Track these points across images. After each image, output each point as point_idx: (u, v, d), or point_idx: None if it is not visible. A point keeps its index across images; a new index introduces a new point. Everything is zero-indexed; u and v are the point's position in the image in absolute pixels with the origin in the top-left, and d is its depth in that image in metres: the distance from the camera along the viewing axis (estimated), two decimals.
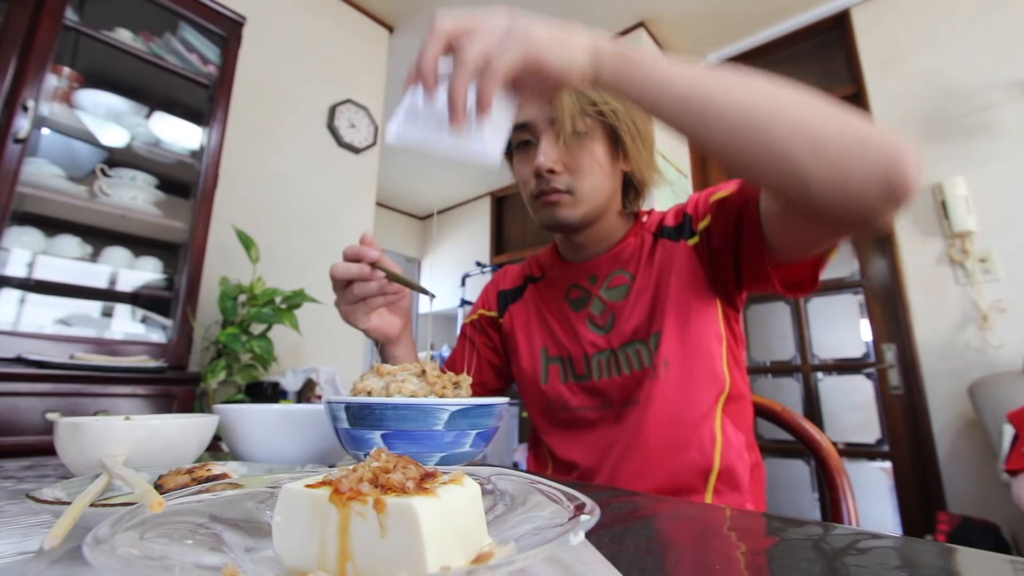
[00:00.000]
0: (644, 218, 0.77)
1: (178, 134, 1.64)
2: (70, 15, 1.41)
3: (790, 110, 0.43)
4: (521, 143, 0.71)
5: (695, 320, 0.68)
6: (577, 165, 0.68)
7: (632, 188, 0.76)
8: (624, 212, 0.77)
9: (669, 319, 0.67)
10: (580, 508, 0.22)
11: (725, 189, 0.67)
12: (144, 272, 1.55)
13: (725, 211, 0.65)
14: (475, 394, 0.81)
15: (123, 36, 1.55)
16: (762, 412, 0.76)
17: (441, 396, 0.44)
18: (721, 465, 0.64)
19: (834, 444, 0.69)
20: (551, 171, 0.68)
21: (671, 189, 2.61)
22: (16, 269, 1.31)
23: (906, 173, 0.42)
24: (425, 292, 0.61)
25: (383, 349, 0.70)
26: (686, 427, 0.65)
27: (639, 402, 0.68)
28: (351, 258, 0.61)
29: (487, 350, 0.87)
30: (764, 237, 0.58)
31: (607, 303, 0.73)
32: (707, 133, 0.45)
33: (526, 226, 4.19)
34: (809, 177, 0.42)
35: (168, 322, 1.53)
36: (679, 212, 0.74)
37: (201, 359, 1.72)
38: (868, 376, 2.27)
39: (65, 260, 1.40)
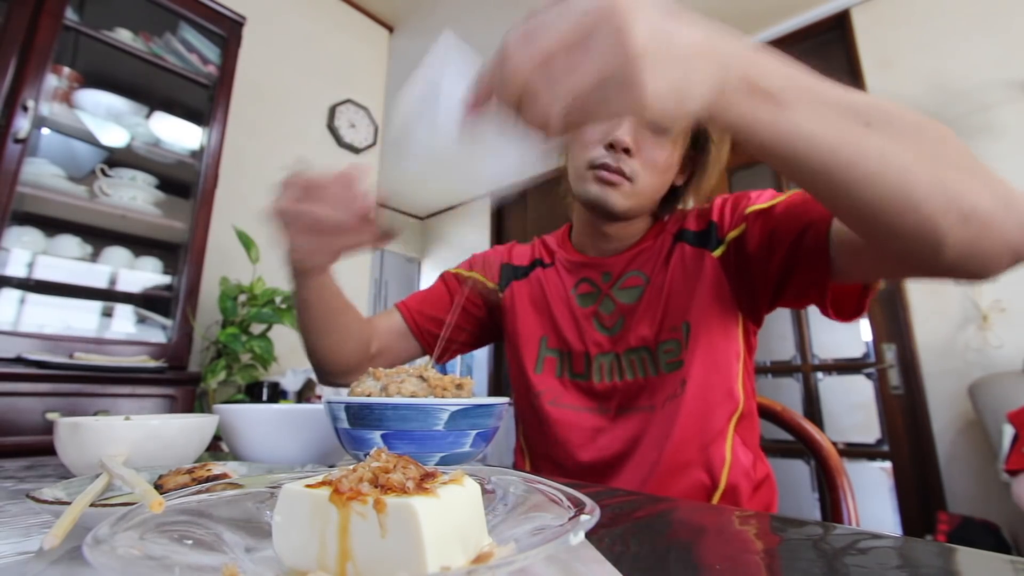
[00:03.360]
0: (665, 217, 0.74)
1: (178, 134, 1.64)
2: (70, 15, 1.41)
3: (947, 177, 0.35)
4: None
5: (718, 341, 0.65)
6: (651, 157, 0.63)
7: (674, 199, 0.73)
8: (652, 214, 0.74)
9: (693, 339, 0.64)
10: (580, 508, 0.22)
11: (763, 200, 0.62)
12: (144, 272, 1.55)
13: (772, 227, 0.59)
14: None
15: (123, 36, 1.55)
16: (762, 412, 0.75)
17: (441, 397, 0.44)
18: (727, 485, 0.63)
19: (834, 444, 0.69)
20: (627, 150, 0.62)
21: None
22: (16, 269, 1.31)
23: None
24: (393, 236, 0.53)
25: (313, 280, 0.62)
26: (697, 448, 0.63)
27: (640, 412, 0.66)
28: (334, 197, 0.50)
29: (464, 313, 0.82)
30: (830, 262, 0.52)
31: (618, 304, 0.70)
32: (842, 199, 0.37)
33: (526, 226, 4.19)
34: (948, 242, 0.37)
35: (168, 322, 1.53)
36: (702, 216, 0.70)
37: (201, 359, 1.72)
38: (868, 376, 2.27)
39: (65, 260, 1.40)
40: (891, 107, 0.36)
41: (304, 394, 1.89)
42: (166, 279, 1.58)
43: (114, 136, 1.51)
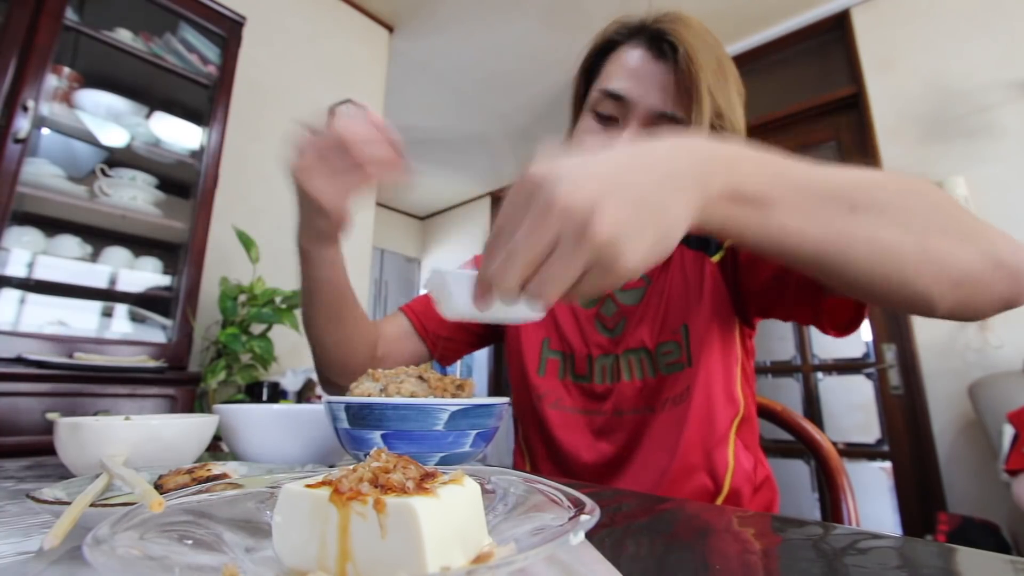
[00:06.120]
0: None
1: (178, 134, 1.64)
2: (70, 15, 1.41)
3: (937, 247, 0.36)
4: (601, 112, 0.63)
5: (719, 345, 0.65)
6: None
7: None
8: None
9: (694, 343, 0.64)
10: (580, 508, 0.22)
11: None
12: (144, 272, 1.55)
13: None
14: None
15: (123, 36, 1.55)
16: (762, 412, 0.75)
17: (441, 397, 0.44)
18: (729, 489, 0.63)
19: (834, 444, 0.69)
20: None
21: None
22: (16, 269, 1.32)
23: None
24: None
25: (325, 250, 0.60)
26: (701, 453, 0.63)
27: (637, 414, 0.66)
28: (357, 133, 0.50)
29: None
30: (822, 285, 0.52)
31: (620, 306, 0.71)
32: (836, 280, 0.39)
33: None
34: (940, 306, 0.39)
35: (168, 322, 1.53)
36: None
37: (201, 359, 1.72)
38: (868, 376, 2.27)
39: (65, 260, 1.40)
40: (876, 182, 0.37)
41: (304, 394, 1.89)
42: (166, 279, 1.58)
43: (114, 136, 1.51)
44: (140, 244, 1.58)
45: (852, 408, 2.28)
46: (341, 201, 0.54)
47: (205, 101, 1.69)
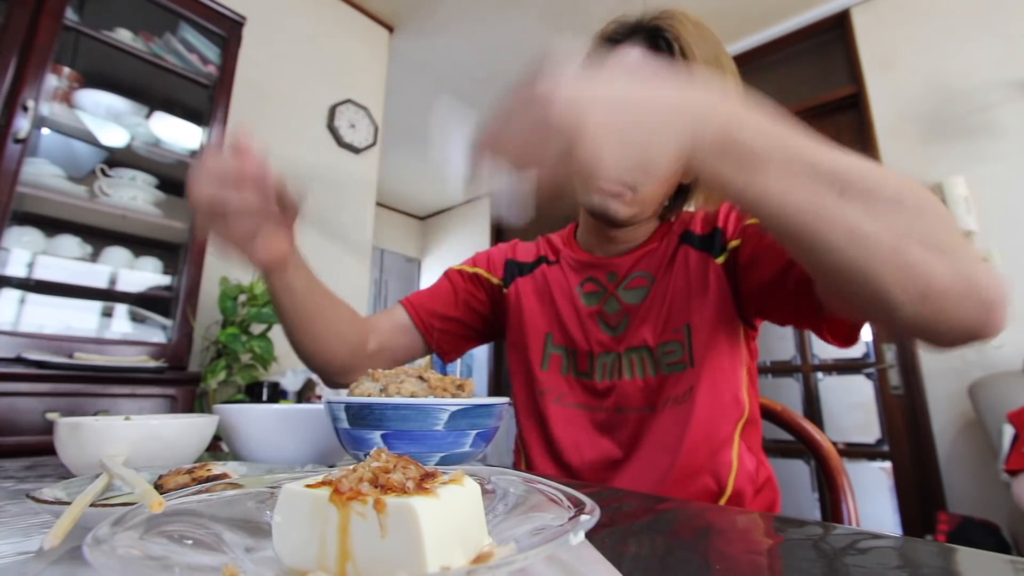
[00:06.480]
0: (672, 218, 0.74)
1: (178, 134, 1.64)
2: (70, 15, 1.41)
3: (913, 253, 0.35)
4: None
5: (724, 347, 0.65)
6: None
7: (680, 198, 0.72)
8: (658, 214, 0.73)
9: (697, 343, 0.64)
10: (580, 508, 0.22)
11: None
12: (144, 272, 1.55)
13: (762, 248, 0.59)
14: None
15: (123, 36, 1.55)
16: (762, 412, 0.75)
17: (441, 397, 0.44)
18: (732, 491, 0.63)
19: (834, 444, 0.69)
20: None
21: None
22: (16, 269, 1.32)
23: (996, 325, 0.38)
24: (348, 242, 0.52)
25: (274, 279, 0.60)
26: (706, 454, 0.63)
27: (638, 413, 0.66)
28: (230, 178, 0.48)
29: (468, 309, 0.82)
30: (817, 298, 0.52)
31: (623, 304, 0.71)
32: (804, 258, 0.39)
33: (526, 226, 4.19)
34: (901, 315, 0.37)
35: (168, 322, 1.53)
36: (708, 221, 0.69)
37: (201, 359, 1.72)
38: (868, 376, 2.27)
39: (65, 260, 1.40)
40: (872, 173, 0.36)
41: (304, 394, 1.89)
42: (166, 279, 1.58)
43: (114, 136, 1.51)
44: (140, 244, 1.58)
45: (852, 408, 2.28)
46: (260, 253, 0.55)
47: (205, 101, 1.69)
